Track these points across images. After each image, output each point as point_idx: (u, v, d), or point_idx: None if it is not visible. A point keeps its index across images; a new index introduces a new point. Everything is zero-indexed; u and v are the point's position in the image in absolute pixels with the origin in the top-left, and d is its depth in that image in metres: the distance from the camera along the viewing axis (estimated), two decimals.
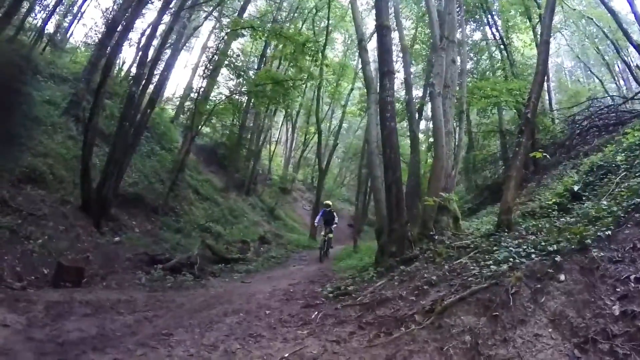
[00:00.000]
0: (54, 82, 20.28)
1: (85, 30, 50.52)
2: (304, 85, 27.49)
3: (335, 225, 18.09)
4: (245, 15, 26.81)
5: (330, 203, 19.24)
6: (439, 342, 4.58)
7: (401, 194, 10.60)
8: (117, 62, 24.54)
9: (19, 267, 9.26)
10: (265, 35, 21.57)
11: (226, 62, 26.03)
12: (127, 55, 57.38)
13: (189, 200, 19.07)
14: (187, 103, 31.78)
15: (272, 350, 5.17)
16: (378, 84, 12.66)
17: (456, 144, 14.35)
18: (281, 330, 6.06)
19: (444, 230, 10.65)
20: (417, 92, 27.35)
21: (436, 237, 9.86)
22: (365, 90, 31.78)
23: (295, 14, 31.83)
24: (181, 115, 32.71)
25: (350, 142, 43.19)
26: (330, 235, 17.96)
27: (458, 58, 14.21)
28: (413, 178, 16.62)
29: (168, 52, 20.26)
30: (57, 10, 27.39)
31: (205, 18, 25.79)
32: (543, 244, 6.15)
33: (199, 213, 19.15)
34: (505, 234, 8.14)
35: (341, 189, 44.90)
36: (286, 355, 4.91)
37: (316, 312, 6.75)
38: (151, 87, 16.52)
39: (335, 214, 18.39)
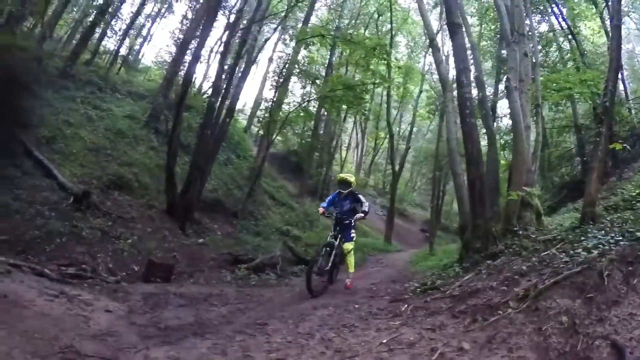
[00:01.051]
0: (132, 99, 21.97)
1: (156, 50, 53.34)
2: (373, 90, 27.53)
3: (361, 216, 9.93)
4: (309, 24, 27.19)
5: (352, 179, 10.45)
6: (536, 323, 4.55)
7: (484, 190, 10.48)
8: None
9: (111, 264, 10.12)
10: (335, 42, 21.83)
11: (297, 71, 26.43)
12: (197, 71, 59.27)
13: (266, 206, 19.56)
14: (259, 112, 32.69)
15: (367, 337, 5.21)
16: (453, 82, 12.66)
17: (534, 138, 14.09)
18: (373, 321, 6.09)
19: (527, 225, 10.48)
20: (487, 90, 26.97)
21: (520, 232, 9.73)
22: (431, 91, 31.83)
23: (357, 21, 31.96)
24: (252, 125, 33.68)
25: (421, 146, 42.77)
26: (349, 246, 9.82)
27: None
28: (491, 175, 16.27)
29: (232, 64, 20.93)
30: (129, 34, 30.34)
31: (275, 29, 26.44)
32: (631, 230, 6.12)
33: (276, 217, 19.58)
34: (591, 226, 7.98)
35: (413, 194, 44.61)
36: (384, 341, 4.94)
37: (406, 305, 6.68)
38: (228, 97, 17.00)
39: (361, 198, 10.17)
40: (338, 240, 9.68)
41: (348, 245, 9.88)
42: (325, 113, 28.87)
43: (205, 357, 4.51)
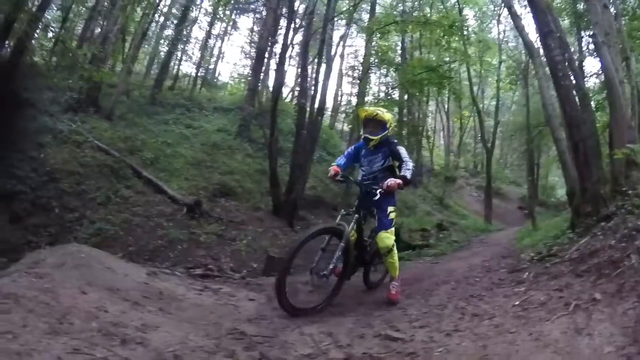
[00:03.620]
0: (218, 113, 23.15)
1: (229, 66, 56.37)
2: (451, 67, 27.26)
3: (397, 184, 5.52)
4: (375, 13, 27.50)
5: (387, 116, 6.14)
6: None
7: (589, 151, 10.29)
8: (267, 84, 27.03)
9: (232, 263, 11.11)
10: (411, 26, 21.81)
11: (376, 61, 26.52)
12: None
13: None
14: (342, 108, 33.30)
15: (498, 303, 5.33)
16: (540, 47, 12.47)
17: (629, 94, 13.62)
18: (498, 290, 6.17)
19: (635, 184, 10.26)
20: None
21: (630, 192, 9.55)
22: (509, 61, 31.06)
23: (421, 1, 31.53)
24: (336, 122, 34.32)
25: (508, 120, 41.68)
26: (387, 239, 5.98)
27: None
28: (591, 137, 15.74)
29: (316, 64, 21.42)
30: (204, 55, 33.32)
31: (348, 24, 26.71)
32: None
33: None
34: None
35: (505, 171, 43.41)
36: (516, 303, 5.04)
37: (527, 273, 6.68)
38: (316, 97, 17.48)
39: (402, 150, 6.03)
40: (369, 227, 6.45)
41: (385, 237, 5.99)
42: (406, 98, 28.76)
43: (354, 330, 4.81)
